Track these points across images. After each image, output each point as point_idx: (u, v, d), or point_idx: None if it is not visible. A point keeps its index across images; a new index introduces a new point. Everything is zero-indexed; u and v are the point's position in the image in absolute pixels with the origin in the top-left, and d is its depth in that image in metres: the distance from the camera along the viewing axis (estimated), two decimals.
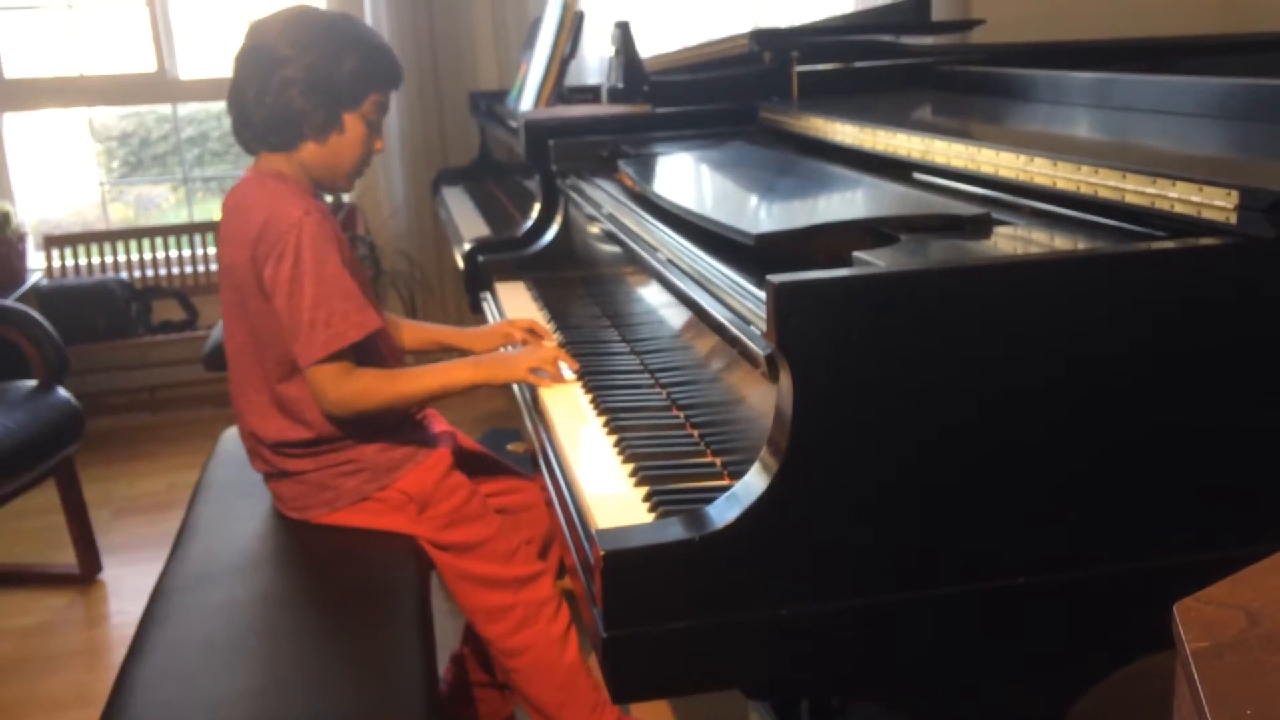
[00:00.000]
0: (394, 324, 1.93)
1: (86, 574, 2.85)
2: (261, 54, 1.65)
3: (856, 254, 1.09)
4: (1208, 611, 0.58)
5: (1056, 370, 1.02)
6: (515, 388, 1.72)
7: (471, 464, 1.90)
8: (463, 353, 1.92)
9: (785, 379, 0.99)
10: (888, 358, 0.99)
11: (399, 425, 1.77)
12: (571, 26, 2.78)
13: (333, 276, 1.62)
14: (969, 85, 2.23)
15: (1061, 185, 1.23)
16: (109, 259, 4.02)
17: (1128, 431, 1.04)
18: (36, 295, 3.73)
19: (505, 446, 2.96)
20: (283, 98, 1.64)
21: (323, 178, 1.74)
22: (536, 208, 2.33)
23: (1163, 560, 1.07)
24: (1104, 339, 1.02)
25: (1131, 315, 1.02)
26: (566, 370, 1.66)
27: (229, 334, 1.74)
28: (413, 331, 1.98)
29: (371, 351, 1.72)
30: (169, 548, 1.79)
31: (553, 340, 1.82)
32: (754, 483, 1.01)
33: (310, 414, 1.69)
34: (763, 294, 1.01)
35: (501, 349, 1.85)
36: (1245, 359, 1.05)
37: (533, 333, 1.84)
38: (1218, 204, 1.03)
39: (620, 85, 2.49)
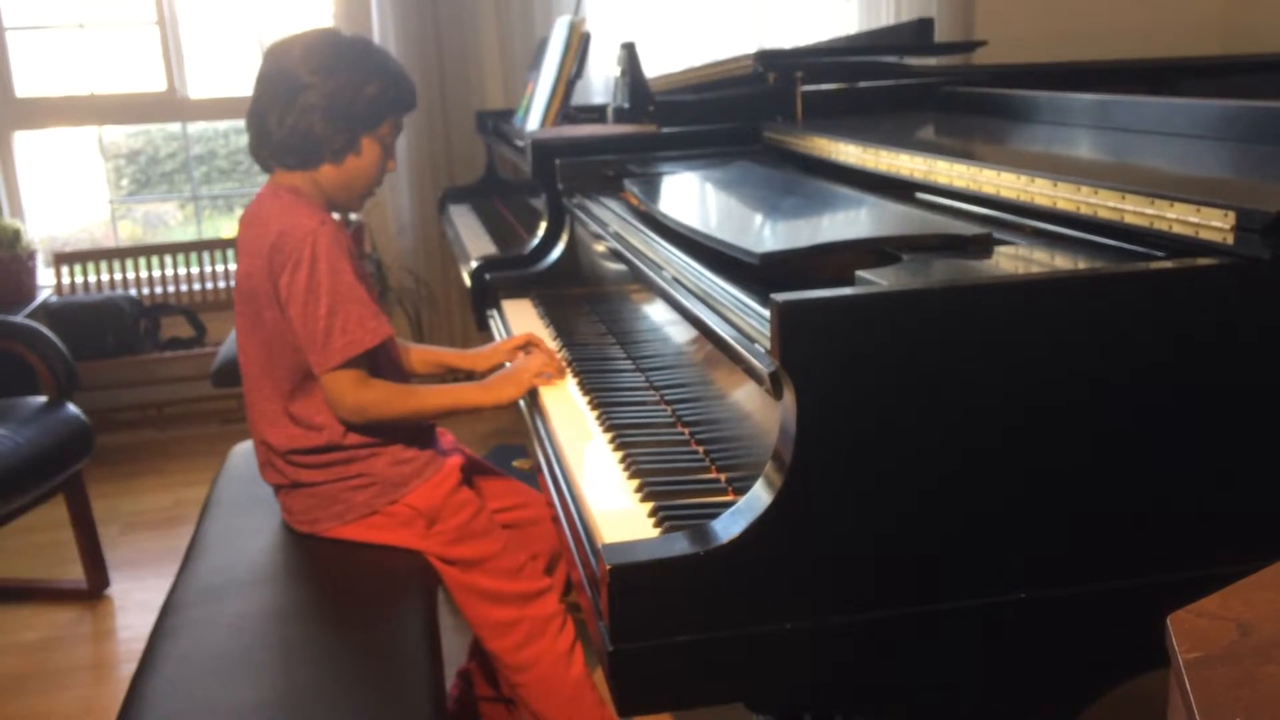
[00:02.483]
0: (401, 349, 1.96)
1: (94, 589, 2.86)
2: (284, 77, 1.69)
3: (860, 273, 1.10)
4: (1200, 623, 0.59)
5: (1057, 388, 1.03)
6: (521, 404, 1.74)
7: (479, 480, 1.92)
8: (467, 373, 1.94)
9: (789, 396, 1.01)
10: (890, 375, 1.00)
11: (410, 439, 1.79)
12: (578, 47, 2.80)
13: (347, 285, 1.65)
14: (971, 106, 2.25)
15: (1062, 205, 1.25)
16: (118, 276, 4.05)
17: (1126, 448, 1.05)
18: (46, 312, 3.75)
19: (511, 463, 2.98)
20: (304, 122, 1.68)
21: (337, 197, 1.77)
22: (543, 226, 2.35)
23: (1161, 576, 1.08)
24: (1103, 357, 1.03)
25: (1130, 334, 1.04)
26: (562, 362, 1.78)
27: (242, 344, 1.77)
28: (418, 355, 2.00)
29: (381, 364, 1.74)
30: (176, 563, 1.81)
31: (551, 351, 1.84)
32: (758, 498, 1.02)
33: (321, 417, 1.72)
34: (767, 312, 1.02)
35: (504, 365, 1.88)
36: (1241, 378, 1.06)
37: (531, 345, 1.87)
38: (1215, 225, 1.05)
39: (626, 105, 2.52)
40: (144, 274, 4.06)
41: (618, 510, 1.24)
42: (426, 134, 4.03)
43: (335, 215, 1.77)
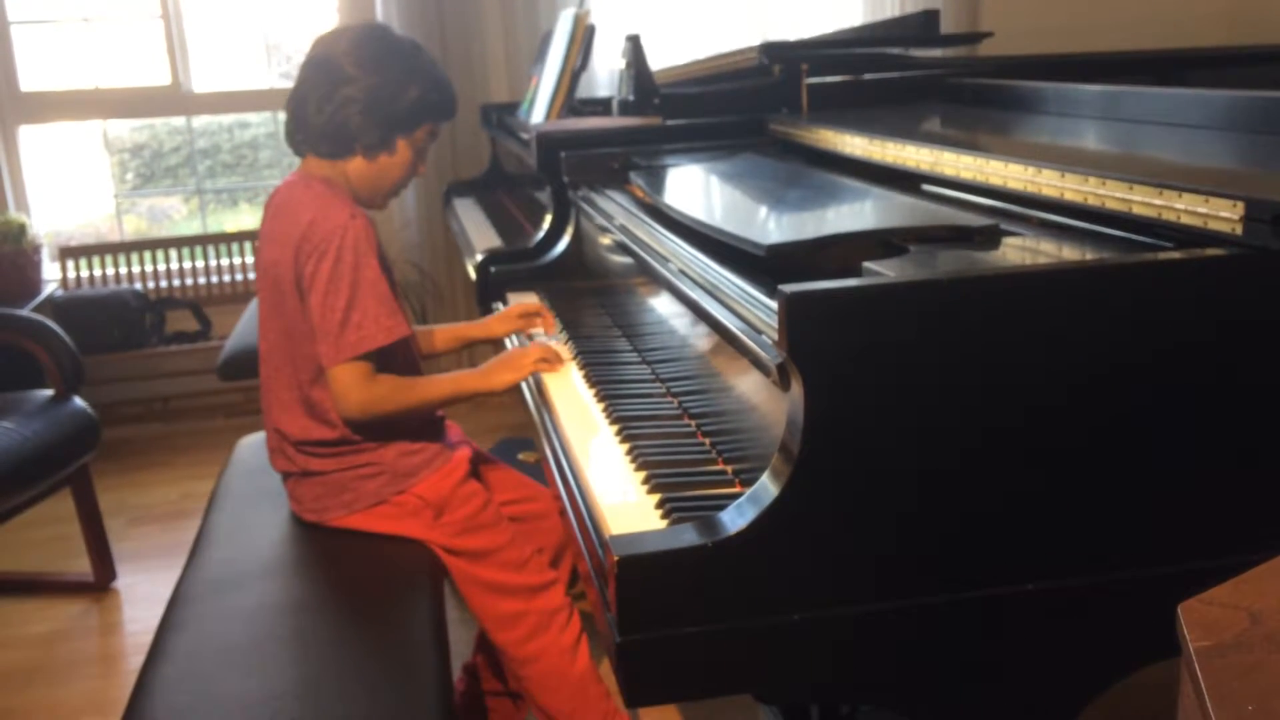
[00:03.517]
0: (424, 333, 1.98)
1: (101, 582, 2.86)
2: (328, 66, 1.70)
3: (866, 264, 1.10)
4: (1211, 612, 0.59)
5: (1064, 379, 1.03)
6: (528, 397, 1.74)
7: (486, 473, 1.93)
8: (484, 343, 2.02)
9: (796, 387, 1.01)
10: (897, 366, 1.00)
11: (419, 431, 1.80)
12: (582, 40, 2.80)
13: (370, 281, 1.66)
14: (978, 97, 2.25)
15: (1069, 196, 1.25)
16: (123, 270, 4.05)
17: (1135, 439, 1.05)
18: (52, 306, 3.76)
19: (517, 456, 2.98)
20: (342, 113, 1.69)
21: (362, 192, 1.78)
22: (548, 219, 2.35)
23: (1170, 566, 1.08)
24: (1111, 349, 1.03)
25: (1138, 325, 1.04)
26: (563, 349, 1.81)
27: (263, 332, 1.78)
28: (442, 334, 2.03)
29: (392, 360, 1.75)
30: (183, 556, 1.81)
31: (553, 321, 1.91)
32: (766, 489, 1.02)
33: (336, 414, 1.72)
34: (774, 304, 1.02)
35: (511, 336, 1.99)
36: (1249, 368, 1.06)
37: (538, 315, 1.95)
38: (1223, 215, 1.04)
39: (631, 98, 2.51)
40: (149, 268, 4.06)
41: (625, 502, 1.25)
42: None
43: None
